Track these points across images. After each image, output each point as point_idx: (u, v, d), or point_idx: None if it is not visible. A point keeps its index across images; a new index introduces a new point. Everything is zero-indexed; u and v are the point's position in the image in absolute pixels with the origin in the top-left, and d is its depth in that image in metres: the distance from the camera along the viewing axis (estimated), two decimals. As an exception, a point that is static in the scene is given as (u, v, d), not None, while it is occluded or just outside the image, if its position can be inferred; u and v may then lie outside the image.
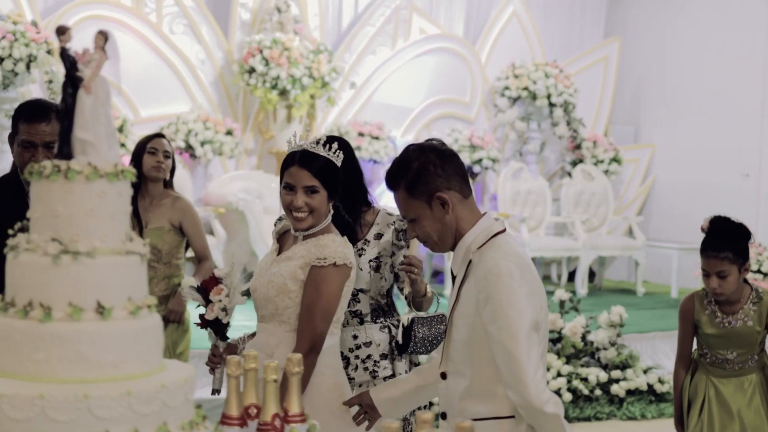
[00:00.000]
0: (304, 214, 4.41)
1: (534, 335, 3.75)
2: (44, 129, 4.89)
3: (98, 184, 2.59)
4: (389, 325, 5.05)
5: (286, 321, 4.42)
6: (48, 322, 2.51)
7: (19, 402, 2.41)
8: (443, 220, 3.85)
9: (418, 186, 3.82)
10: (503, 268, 3.73)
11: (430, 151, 3.89)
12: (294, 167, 4.40)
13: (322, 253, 4.37)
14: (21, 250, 2.58)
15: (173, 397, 2.56)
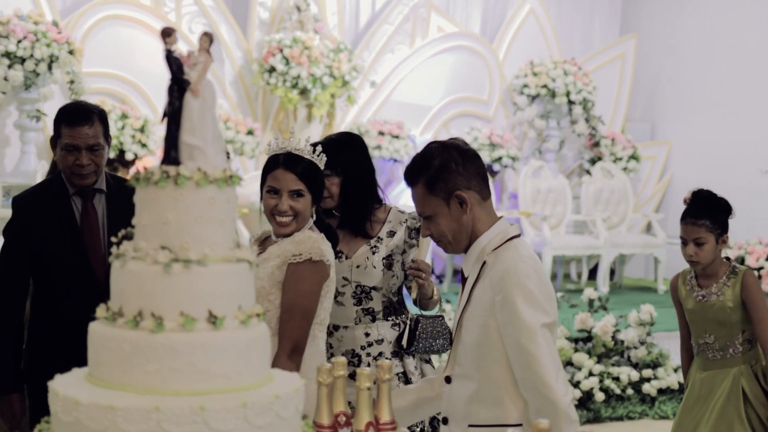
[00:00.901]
0: (288, 219, 4.32)
1: (550, 337, 3.74)
2: (87, 132, 4.82)
3: (208, 190, 2.53)
4: (400, 322, 5.03)
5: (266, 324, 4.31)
6: (160, 333, 2.44)
7: (135, 415, 2.35)
8: (460, 220, 3.82)
9: (438, 183, 3.79)
10: (521, 270, 3.72)
11: (453, 149, 3.86)
12: (279, 170, 4.32)
13: (298, 249, 4.25)
14: (128, 259, 2.51)
15: (286, 408, 2.50)
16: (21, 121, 11.58)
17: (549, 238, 13.13)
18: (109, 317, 2.53)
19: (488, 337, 3.77)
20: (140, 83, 12.71)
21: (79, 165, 4.82)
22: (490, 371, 3.77)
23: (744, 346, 5.38)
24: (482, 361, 3.80)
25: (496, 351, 3.76)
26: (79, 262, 4.78)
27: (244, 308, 2.56)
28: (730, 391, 5.38)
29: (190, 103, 2.54)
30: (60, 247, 4.77)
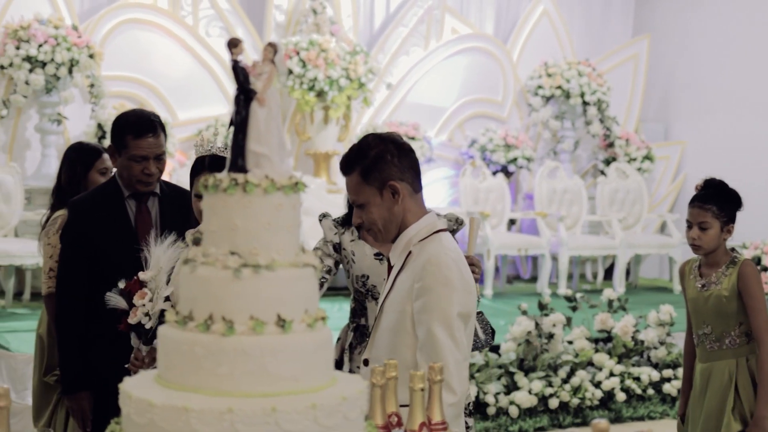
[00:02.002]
0: None
1: (463, 328, 3.90)
2: (153, 141, 4.96)
3: (275, 197, 2.59)
4: None
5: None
6: (231, 336, 2.50)
7: (208, 416, 2.41)
8: (392, 210, 3.95)
9: (373, 173, 3.93)
10: (443, 261, 3.86)
11: (390, 142, 4.00)
12: (204, 174, 4.32)
13: None
14: (198, 264, 2.58)
15: (352, 409, 2.56)
16: (42, 125, 11.66)
17: (565, 239, 13.17)
18: (179, 321, 2.59)
19: (403, 323, 3.92)
20: (158, 86, 12.79)
21: (147, 174, 4.96)
22: (404, 355, 3.89)
23: (741, 339, 5.38)
24: (396, 345, 3.94)
25: (408, 336, 3.91)
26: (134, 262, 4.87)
27: (311, 312, 2.62)
28: (723, 384, 5.39)
29: (257, 112, 2.60)
30: (115, 248, 4.88)
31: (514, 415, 8.56)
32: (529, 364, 8.93)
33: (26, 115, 11.92)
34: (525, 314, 9.05)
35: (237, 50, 2.59)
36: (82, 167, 6.20)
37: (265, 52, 2.65)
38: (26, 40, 11.24)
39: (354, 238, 5.05)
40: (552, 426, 8.73)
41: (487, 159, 14.20)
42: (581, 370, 9.06)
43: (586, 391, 8.93)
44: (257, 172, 2.60)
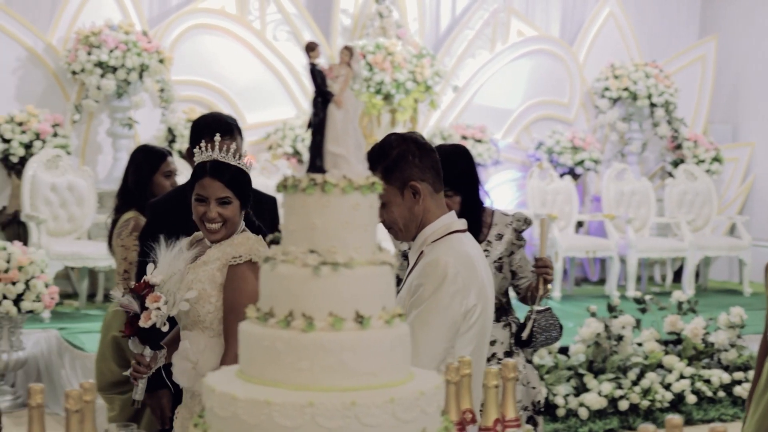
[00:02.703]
0: (217, 225, 4.38)
1: (447, 332, 3.90)
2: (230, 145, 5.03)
3: (353, 196, 2.65)
4: (510, 322, 5.13)
5: (208, 327, 4.36)
6: (311, 332, 2.57)
7: (290, 410, 2.47)
8: (412, 209, 4.00)
9: (395, 172, 3.97)
10: (440, 263, 3.88)
11: (412, 142, 4.04)
12: (206, 179, 4.38)
13: (237, 251, 4.34)
14: (278, 262, 2.65)
15: (430, 404, 2.61)
16: (113, 129, 11.84)
17: (633, 241, 13.13)
18: (260, 317, 2.66)
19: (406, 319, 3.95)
20: (226, 90, 12.93)
21: None
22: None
23: None
24: None
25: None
26: None
27: (388, 309, 2.68)
28: None
29: (334, 114, 2.66)
30: None
31: (584, 416, 8.56)
32: (598, 365, 8.92)
33: (98, 119, 12.11)
34: (594, 316, 9.05)
35: (314, 53, 2.66)
36: (147, 170, 6.31)
37: (342, 55, 2.71)
38: (97, 45, 11.42)
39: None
40: (622, 428, 8.72)
41: (554, 161, 14.20)
42: (651, 372, 9.04)
43: (656, 393, 8.91)
44: (335, 173, 2.66)
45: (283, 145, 12.60)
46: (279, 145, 12.64)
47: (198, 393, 4.31)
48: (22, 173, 11.02)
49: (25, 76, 11.81)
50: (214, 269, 4.35)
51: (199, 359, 4.33)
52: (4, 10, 11.67)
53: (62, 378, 9.02)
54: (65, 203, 11.17)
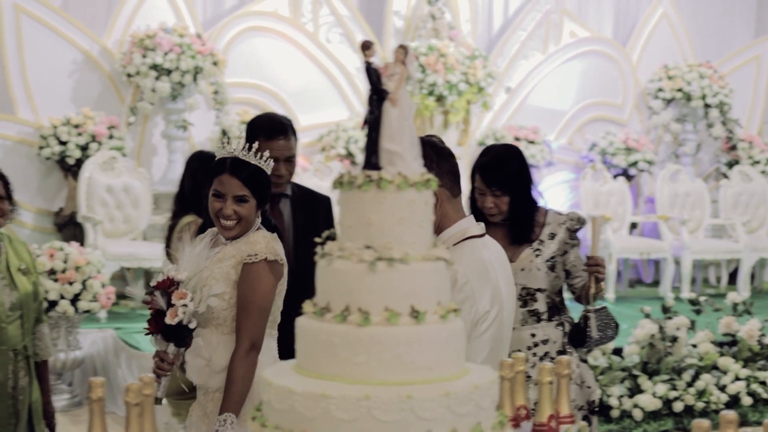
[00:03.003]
0: (232, 223, 4.37)
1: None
2: (283, 144, 5.09)
3: (408, 193, 2.69)
4: (563, 321, 5.13)
5: (222, 324, 4.36)
6: (367, 327, 2.60)
7: (346, 403, 2.51)
8: None
9: None
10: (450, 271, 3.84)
11: (429, 146, 4.02)
12: (225, 175, 4.37)
13: (253, 250, 4.33)
14: (334, 258, 2.69)
15: (485, 398, 2.64)
16: (168, 131, 11.95)
17: (688, 242, 13.07)
18: (317, 312, 2.70)
19: None
20: (280, 92, 13.01)
21: (277, 175, 5.09)
22: None
23: None
24: None
25: None
26: None
27: (443, 304, 2.71)
28: None
29: (389, 112, 2.70)
30: None
31: (638, 417, 8.54)
32: (652, 367, 8.88)
33: (153, 121, 12.23)
34: (648, 317, 9.01)
35: (369, 52, 2.69)
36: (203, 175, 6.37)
37: (397, 53, 2.75)
38: (152, 48, 11.53)
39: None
40: (676, 429, 8.68)
41: (608, 162, 14.15)
42: (706, 374, 8.99)
43: (711, 394, 8.86)
44: (390, 170, 2.70)
45: (336, 146, 12.65)
46: (332, 147, 12.69)
47: (211, 390, 4.36)
48: (79, 175, 11.16)
49: (81, 79, 11.95)
50: (229, 266, 4.36)
51: (212, 356, 4.34)
52: (60, 14, 11.81)
53: (119, 377, 9.12)
54: (121, 205, 11.29)
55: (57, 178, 11.67)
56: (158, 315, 4.29)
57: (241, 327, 4.30)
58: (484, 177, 4.95)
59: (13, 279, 5.01)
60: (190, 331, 4.29)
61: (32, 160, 11.50)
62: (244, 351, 4.26)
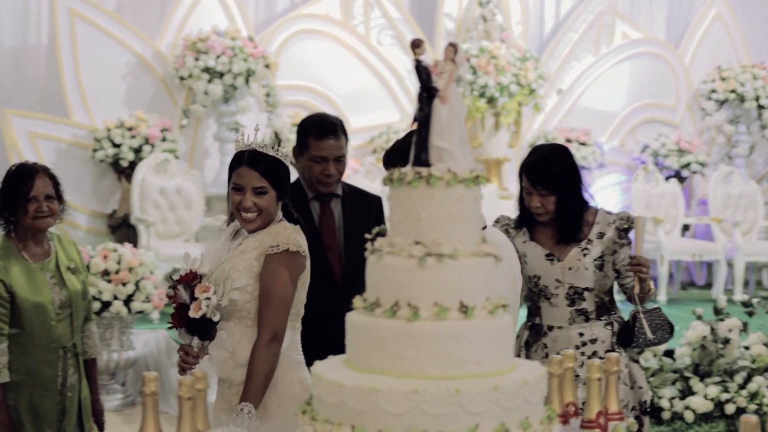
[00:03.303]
0: (252, 215, 4.36)
1: None
2: (333, 143, 5.12)
3: (457, 189, 2.72)
4: (612, 321, 5.12)
5: (245, 316, 4.35)
6: (416, 321, 2.64)
7: (395, 397, 2.54)
8: None
9: None
10: None
11: None
12: (243, 168, 4.36)
13: (275, 241, 4.33)
14: (384, 254, 2.72)
15: (533, 393, 2.66)
16: (220, 133, 12.04)
17: (741, 245, 12.97)
18: (367, 307, 2.73)
19: None
20: (331, 94, 13.07)
21: (326, 174, 5.13)
22: None
23: None
24: None
25: None
26: (318, 260, 5.04)
27: (492, 299, 2.73)
28: None
29: (439, 109, 2.72)
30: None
31: (690, 419, 8.49)
32: (704, 369, 8.83)
33: (205, 124, 12.32)
34: (700, 319, 8.96)
35: (419, 50, 2.71)
36: None
37: (447, 51, 2.77)
38: (205, 51, 11.62)
39: (526, 240, 5.14)
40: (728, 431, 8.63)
41: (660, 164, 14.08)
42: (758, 376, 8.92)
43: (763, 396, 8.79)
44: (440, 166, 2.73)
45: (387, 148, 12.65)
46: (383, 149, 12.71)
47: (236, 383, 4.35)
48: (132, 177, 11.27)
49: (135, 82, 12.07)
50: (251, 258, 4.36)
51: (236, 349, 4.32)
52: (114, 18, 11.94)
53: (171, 377, 9.19)
54: (173, 206, 11.39)
55: (110, 180, 11.78)
56: (182, 309, 4.29)
57: (263, 318, 4.30)
58: (530, 176, 4.96)
59: (62, 278, 5.09)
60: (214, 324, 4.29)
61: (86, 162, 11.63)
62: (265, 342, 4.26)
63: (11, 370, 4.94)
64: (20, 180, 5.02)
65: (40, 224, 5.04)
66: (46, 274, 5.06)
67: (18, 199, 4.99)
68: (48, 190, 5.05)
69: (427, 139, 2.73)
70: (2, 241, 5.07)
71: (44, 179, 5.06)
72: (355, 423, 2.58)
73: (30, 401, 5.02)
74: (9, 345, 4.94)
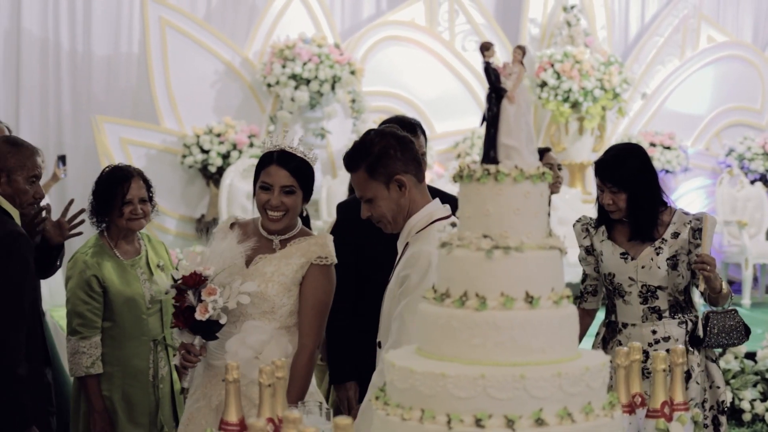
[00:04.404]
0: (279, 214, 4.40)
1: None
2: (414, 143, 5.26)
3: (524, 185, 2.85)
4: (687, 320, 5.18)
5: (278, 318, 4.40)
6: (483, 311, 2.77)
7: (463, 382, 2.68)
8: (399, 202, 4.13)
9: (379, 168, 4.09)
10: (424, 253, 3.98)
11: (391, 137, 4.17)
12: (272, 166, 4.40)
13: (323, 252, 4.42)
14: (454, 246, 2.86)
15: (595, 379, 2.78)
16: (306, 139, 12.21)
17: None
18: (437, 298, 2.88)
19: (395, 309, 4.07)
20: (415, 100, 13.20)
21: None
22: None
23: None
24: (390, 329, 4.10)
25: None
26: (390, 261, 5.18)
27: (557, 290, 2.86)
28: None
29: (507, 109, 2.86)
30: (374, 248, 5.14)
31: (771, 422, 8.50)
32: (786, 371, 8.83)
33: (292, 130, 12.50)
34: (783, 322, 8.96)
35: (489, 53, 2.85)
36: None
37: (515, 54, 2.90)
38: (291, 58, 11.83)
39: (603, 238, 5.24)
40: (809, 434, 8.62)
41: (745, 168, 14.02)
42: (841, 379, 8.89)
43: None
44: (507, 163, 2.87)
45: (471, 153, 12.79)
46: (467, 154, 12.84)
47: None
48: (220, 182, 11.51)
49: (223, 89, 12.31)
50: (297, 265, 4.43)
51: (263, 350, 4.37)
52: (203, 27, 12.19)
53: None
54: (261, 210, 11.57)
55: (199, 185, 12.04)
56: (188, 310, 4.32)
57: (310, 326, 4.41)
58: (600, 174, 5.10)
59: (152, 274, 5.29)
60: (220, 326, 4.34)
61: (176, 168, 11.89)
62: (312, 350, 4.38)
63: (105, 362, 5.16)
64: (116, 183, 5.24)
65: (134, 225, 5.27)
66: (137, 270, 5.28)
67: (113, 201, 5.20)
68: (142, 194, 5.27)
69: (495, 137, 2.86)
70: (95, 239, 5.30)
71: (138, 183, 5.28)
72: (425, 407, 2.72)
73: (123, 392, 5.23)
74: (103, 338, 5.17)
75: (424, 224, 4.17)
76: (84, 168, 11.73)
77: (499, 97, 2.87)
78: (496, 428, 2.65)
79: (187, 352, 4.38)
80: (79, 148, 12.00)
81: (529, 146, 2.88)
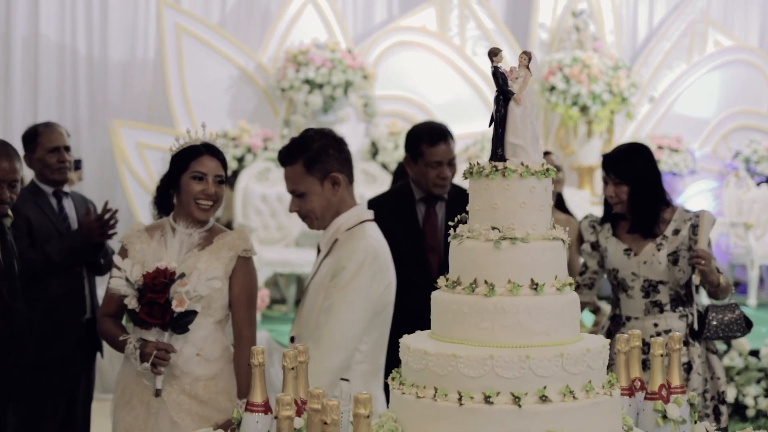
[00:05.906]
0: (210, 203, 4.49)
1: (365, 312, 4.25)
2: (445, 148, 5.52)
3: (529, 181, 3.09)
4: (688, 313, 5.37)
5: (213, 314, 4.48)
6: (492, 297, 3.02)
7: (473, 362, 2.92)
8: (330, 199, 4.34)
9: (317, 164, 4.32)
10: (360, 249, 4.23)
11: (330, 136, 4.41)
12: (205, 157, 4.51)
13: (247, 245, 4.54)
14: (464, 238, 3.11)
15: (595, 360, 3.01)
16: (320, 142, 12.38)
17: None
18: (449, 285, 3.14)
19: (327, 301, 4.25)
20: (426, 104, 13.35)
21: (442, 177, 5.53)
22: None
23: None
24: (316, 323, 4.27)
25: None
26: (419, 258, 5.40)
27: (560, 278, 3.10)
28: None
29: (514, 110, 3.09)
30: (403, 244, 5.35)
31: (774, 418, 8.65)
32: (789, 368, 8.98)
33: (306, 134, 12.67)
34: (786, 320, 9.11)
35: (497, 58, 3.08)
36: None
37: (521, 59, 3.13)
38: (305, 63, 12.01)
39: (609, 235, 5.47)
40: (813, 430, 8.73)
41: (752, 170, 14.19)
42: (844, 376, 9.04)
43: None
44: (514, 161, 3.11)
45: (481, 156, 12.94)
46: (478, 157, 12.98)
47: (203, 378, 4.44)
48: (235, 185, 11.67)
49: (238, 94, 12.48)
50: (227, 258, 4.48)
51: (204, 346, 4.43)
52: (218, 32, 12.36)
53: (271, 376, 9.54)
54: (275, 213, 11.75)
55: (215, 187, 12.17)
56: (163, 306, 4.27)
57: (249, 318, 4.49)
58: (605, 165, 5.34)
59: None
60: (195, 314, 4.32)
61: (192, 170, 12.02)
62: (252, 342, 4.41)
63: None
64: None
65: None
66: None
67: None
68: None
69: (503, 136, 3.09)
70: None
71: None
72: (438, 385, 2.95)
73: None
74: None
75: (353, 223, 4.39)
76: (100, 172, 11.94)
77: (506, 99, 3.10)
78: (504, 404, 2.88)
79: (164, 351, 4.31)
80: (95, 152, 12.17)
81: (534, 145, 3.10)
